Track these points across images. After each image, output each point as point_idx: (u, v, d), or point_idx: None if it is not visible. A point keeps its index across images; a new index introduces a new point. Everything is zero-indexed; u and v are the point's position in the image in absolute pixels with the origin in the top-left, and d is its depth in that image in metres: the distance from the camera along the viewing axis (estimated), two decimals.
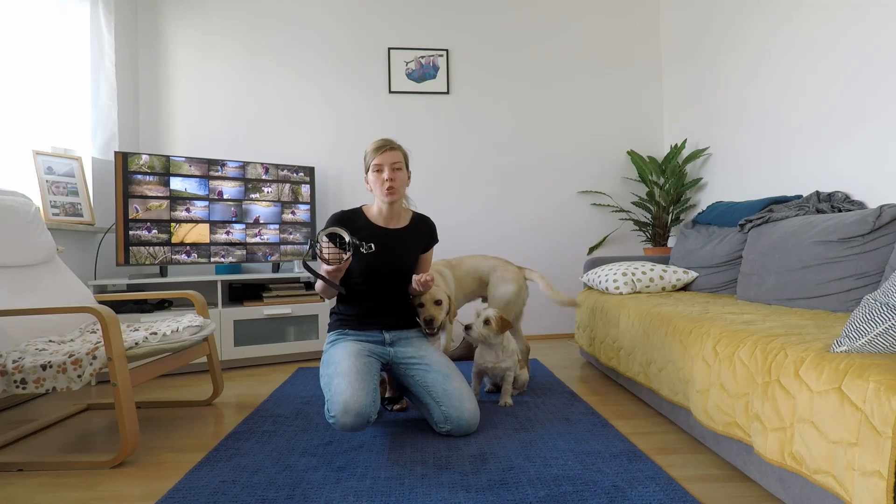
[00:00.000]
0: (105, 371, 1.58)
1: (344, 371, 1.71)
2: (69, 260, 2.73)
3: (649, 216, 3.63)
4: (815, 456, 1.05)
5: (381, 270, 1.95)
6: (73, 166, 2.82)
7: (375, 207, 2.01)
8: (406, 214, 2.06)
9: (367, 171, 1.96)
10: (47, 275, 2.08)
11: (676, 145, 3.45)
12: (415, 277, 1.93)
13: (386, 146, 1.93)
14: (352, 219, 1.97)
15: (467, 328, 2.06)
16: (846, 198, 2.16)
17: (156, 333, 1.82)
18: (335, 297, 1.99)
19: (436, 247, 2.16)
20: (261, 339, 2.97)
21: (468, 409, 1.75)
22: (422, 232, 2.07)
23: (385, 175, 1.90)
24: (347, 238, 1.77)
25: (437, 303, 2.06)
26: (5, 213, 1.97)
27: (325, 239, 1.77)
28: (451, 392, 1.77)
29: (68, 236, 2.76)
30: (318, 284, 1.90)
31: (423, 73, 3.64)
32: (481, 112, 3.72)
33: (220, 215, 3.08)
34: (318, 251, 1.77)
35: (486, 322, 2.05)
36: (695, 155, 3.28)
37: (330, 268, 1.77)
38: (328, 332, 2.00)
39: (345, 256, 1.77)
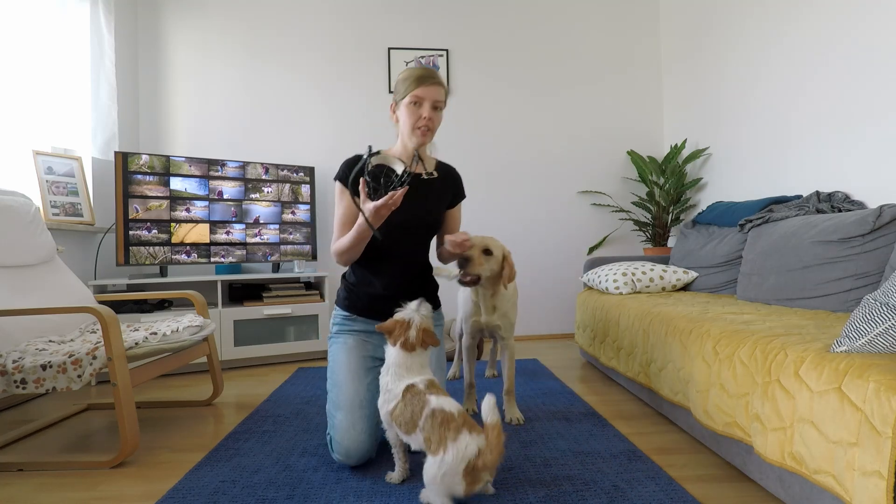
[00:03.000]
0: (105, 371, 1.59)
1: (346, 403, 1.54)
2: (69, 260, 2.72)
3: (649, 216, 3.63)
4: (815, 456, 1.05)
5: (408, 223, 1.63)
6: (73, 166, 2.82)
7: (399, 147, 1.72)
8: (431, 160, 1.80)
9: (398, 100, 1.66)
10: (47, 275, 2.08)
11: (676, 145, 3.45)
12: (448, 238, 1.64)
13: (430, 78, 1.62)
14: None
15: None
16: (846, 198, 2.16)
17: (156, 333, 1.82)
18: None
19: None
20: (261, 339, 2.97)
21: None
22: (449, 182, 1.80)
23: (424, 112, 1.61)
24: (401, 168, 1.43)
25: (487, 252, 1.79)
26: (5, 213, 1.97)
27: (369, 173, 1.43)
28: None
29: (68, 236, 2.76)
30: (344, 242, 1.58)
31: None
32: (481, 112, 3.72)
33: (220, 215, 3.08)
34: (362, 188, 1.45)
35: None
36: (695, 155, 3.28)
37: (380, 203, 1.42)
38: (336, 304, 1.75)
39: (398, 192, 1.42)
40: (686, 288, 2.71)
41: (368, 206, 1.44)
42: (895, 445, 0.88)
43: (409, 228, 1.65)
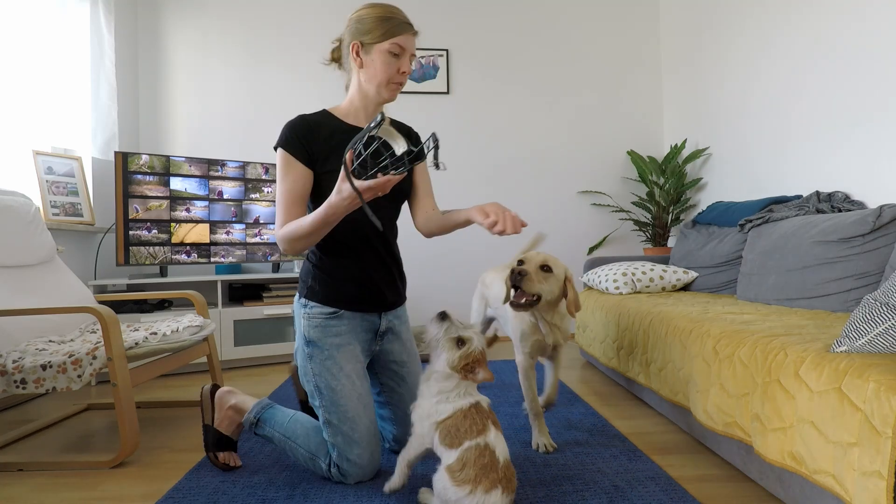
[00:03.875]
0: (105, 371, 1.59)
1: (364, 439, 1.40)
2: (69, 260, 2.72)
3: (649, 216, 3.63)
4: (815, 456, 1.05)
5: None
6: (73, 166, 2.82)
7: (358, 99, 1.48)
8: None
9: (368, 42, 1.40)
10: (47, 275, 2.08)
11: (676, 145, 3.45)
12: (493, 211, 1.28)
13: (411, 26, 1.42)
14: (320, 124, 1.44)
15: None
16: (846, 198, 2.16)
17: (156, 333, 1.82)
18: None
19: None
20: (261, 339, 2.97)
21: None
22: (412, 141, 1.58)
23: (404, 66, 1.42)
24: (402, 149, 1.19)
25: (546, 269, 1.56)
26: (5, 213, 1.97)
27: (363, 147, 1.16)
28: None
29: (68, 236, 2.76)
30: (303, 226, 1.30)
31: (423, 73, 3.64)
32: (481, 112, 3.72)
33: (220, 215, 3.08)
34: (348, 163, 1.16)
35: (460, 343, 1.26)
36: (695, 155, 3.28)
37: (368, 184, 1.15)
38: (307, 298, 1.45)
39: (390, 174, 1.16)
40: (686, 288, 2.71)
41: (356, 184, 1.16)
42: (895, 445, 0.88)
43: (385, 196, 1.35)
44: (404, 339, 1.61)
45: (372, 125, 1.13)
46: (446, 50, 3.65)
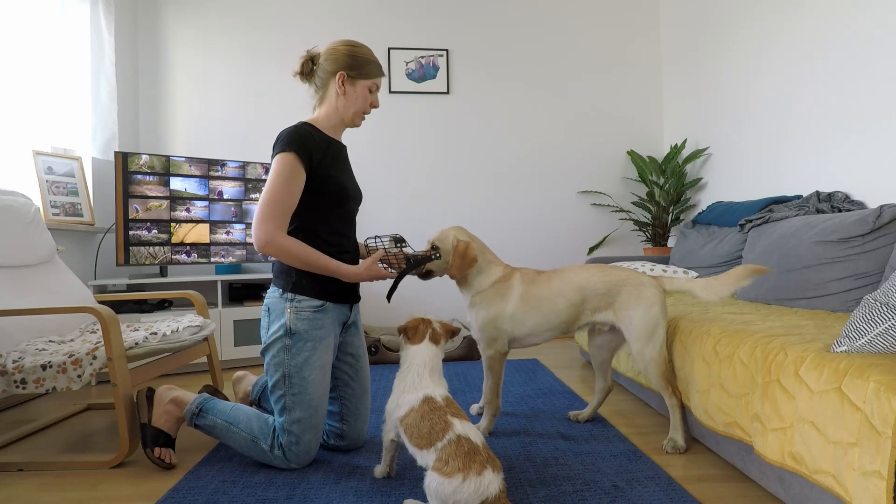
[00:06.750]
0: (105, 371, 1.58)
1: (319, 424, 1.52)
2: (69, 260, 2.72)
3: (649, 216, 3.63)
4: (815, 456, 1.05)
5: (356, 196, 1.67)
6: (73, 166, 2.82)
7: (334, 118, 1.63)
8: None
9: (356, 77, 1.59)
10: (47, 275, 2.08)
11: (676, 145, 3.45)
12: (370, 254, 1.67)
13: (382, 69, 1.68)
14: (314, 135, 1.55)
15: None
16: (846, 198, 2.16)
17: (156, 333, 1.82)
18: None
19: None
20: (261, 339, 2.96)
21: (364, 432, 1.70)
22: None
23: (376, 101, 1.66)
24: (412, 251, 1.66)
25: (434, 247, 1.77)
26: (5, 213, 1.97)
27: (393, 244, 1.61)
28: (361, 412, 1.67)
29: (68, 236, 2.76)
30: (309, 256, 1.48)
31: (423, 73, 3.64)
32: (481, 112, 3.72)
33: (220, 215, 3.08)
34: (391, 255, 1.61)
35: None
36: (695, 155, 3.28)
37: (385, 274, 1.56)
38: (293, 292, 1.51)
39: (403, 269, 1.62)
40: None
41: (378, 268, 1.54)
42: (895, 445, 0.88)
43: (356, 201, 1.68)
44: (360, 333, 1.73)
45: (398, 240, 1.61)
46: (446, 50, 3.66)
